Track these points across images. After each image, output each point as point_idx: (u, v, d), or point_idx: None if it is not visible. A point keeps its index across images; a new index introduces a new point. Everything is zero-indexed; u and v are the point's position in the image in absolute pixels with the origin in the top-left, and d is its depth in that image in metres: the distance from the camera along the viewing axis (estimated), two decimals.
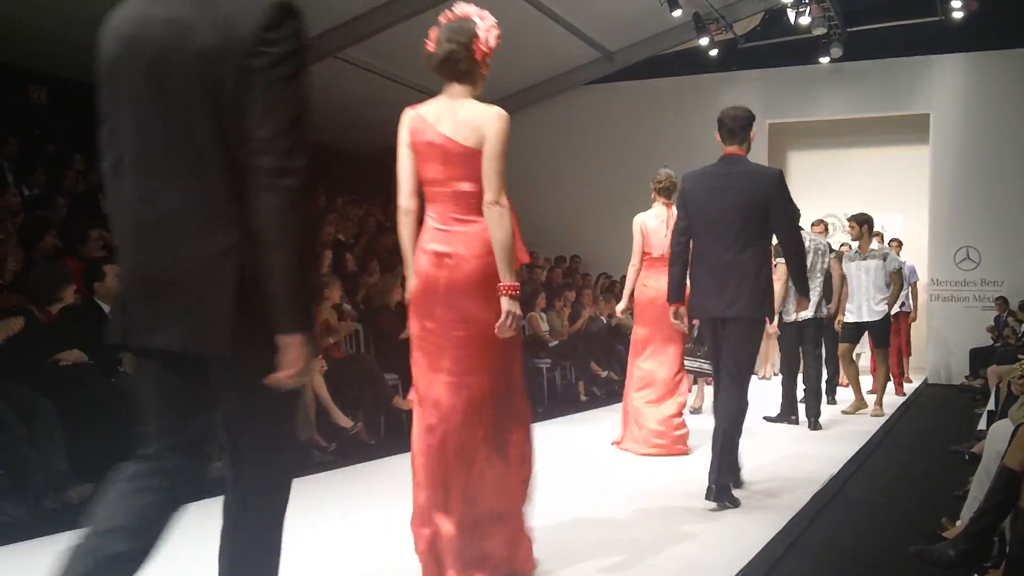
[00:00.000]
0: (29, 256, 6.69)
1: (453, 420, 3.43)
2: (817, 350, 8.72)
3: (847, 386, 9.73)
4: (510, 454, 3.54)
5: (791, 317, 8.38)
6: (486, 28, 3.50)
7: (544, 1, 12.54)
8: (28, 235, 6.98)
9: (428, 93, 3.55)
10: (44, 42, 10.36)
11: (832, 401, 9.70)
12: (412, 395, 3.60)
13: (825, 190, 14.88)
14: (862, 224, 9.30)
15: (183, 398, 2.27)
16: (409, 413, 3.13)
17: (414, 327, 3.53)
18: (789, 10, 13.15)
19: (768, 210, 4.88)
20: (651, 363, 6.76)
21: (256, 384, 2.15)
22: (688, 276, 5.16)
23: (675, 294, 5.21)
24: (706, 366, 9.97)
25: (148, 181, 2.20)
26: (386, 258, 10.46)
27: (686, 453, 6.58)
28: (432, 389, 3.47)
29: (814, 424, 8.14)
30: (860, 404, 9.22)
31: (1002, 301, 13.29)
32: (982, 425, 7.19)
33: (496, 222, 3.37)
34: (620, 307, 7.33)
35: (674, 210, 6.67)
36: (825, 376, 9.24)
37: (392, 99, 10.97)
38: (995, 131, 13.81)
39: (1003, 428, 4.57)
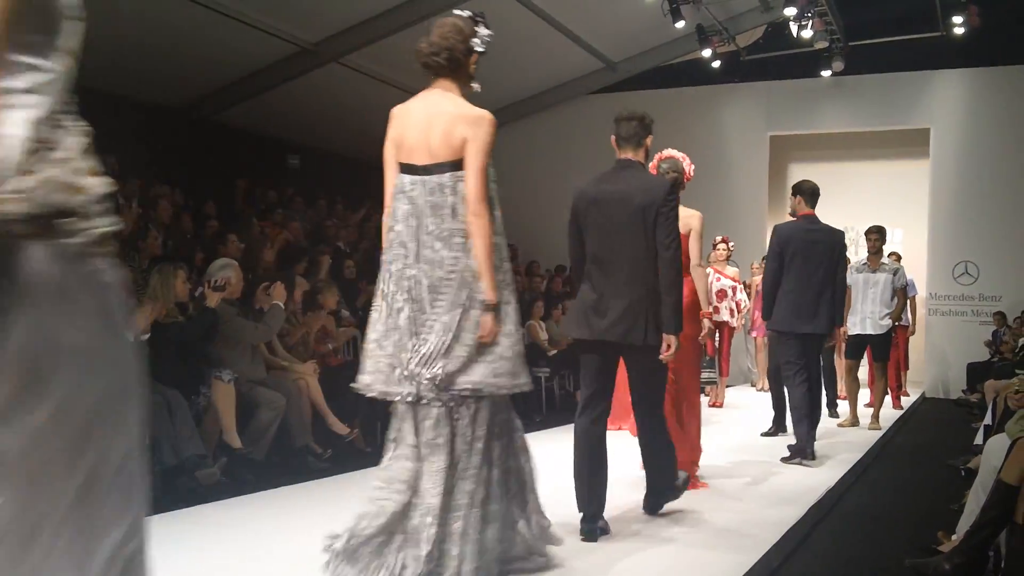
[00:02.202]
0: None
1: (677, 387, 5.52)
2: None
3: (845, 398, 9.72)
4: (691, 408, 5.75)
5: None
6: (688, 164, 5.59)
7: (548, 11, 12.55)
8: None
9: None
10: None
11: (834, 414, 9.69)
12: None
13: (825, 203, 14.74)
14: (883, 237, 9.38)
15: (605, 365, 4.58)
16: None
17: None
18: (791, 23, 13.13)
19: (838, 260, 7.10)
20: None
21: (649, 359, 4.49)
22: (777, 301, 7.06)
23: (769, 312, 7.19)
24: (712, 374, 10.14)
25: (606, 265, 4.51)
26: None
27: None
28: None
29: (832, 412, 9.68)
30: (854, 420, 9.18)
31: (1000, 316, 13.28)
32: (979, 440, 7.18)
33: (700, 277, 5.65)
34: None
35: None
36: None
37: (392, 104, 11.03)
38: (995, 147, 13.83)
39: (999, 442, 4.57)
